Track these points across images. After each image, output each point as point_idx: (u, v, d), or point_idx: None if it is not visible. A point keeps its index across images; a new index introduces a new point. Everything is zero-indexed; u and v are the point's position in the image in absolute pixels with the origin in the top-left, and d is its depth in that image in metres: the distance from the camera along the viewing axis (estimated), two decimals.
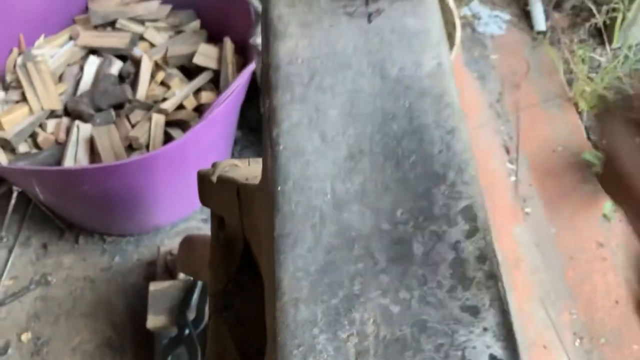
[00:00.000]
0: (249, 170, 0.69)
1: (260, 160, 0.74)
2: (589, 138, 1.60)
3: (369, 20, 0.44)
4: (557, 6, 1.80)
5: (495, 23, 1.77)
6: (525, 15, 1.81)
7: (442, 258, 0.36)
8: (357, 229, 0.37)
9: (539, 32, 1.76)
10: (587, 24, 1.72)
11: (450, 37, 1.19)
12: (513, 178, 1.53)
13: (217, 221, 0.72)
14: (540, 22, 1.76)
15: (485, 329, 0.34)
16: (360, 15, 0.44)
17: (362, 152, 0.40)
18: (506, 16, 1.80)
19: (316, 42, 0.43)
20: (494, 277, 0.36)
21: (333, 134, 0.40)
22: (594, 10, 1.70)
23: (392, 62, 0.43)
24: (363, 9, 0.45)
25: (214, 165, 0.70)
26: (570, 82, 1.68)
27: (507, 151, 1.58)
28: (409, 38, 0.44)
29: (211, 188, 0.68)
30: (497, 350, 0.33)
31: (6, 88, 1.28)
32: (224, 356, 0.63)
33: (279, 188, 0.38)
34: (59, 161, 1.20)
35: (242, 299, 0.66)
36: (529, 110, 1.64)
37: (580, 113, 1.64)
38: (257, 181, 0.64)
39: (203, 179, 0.70)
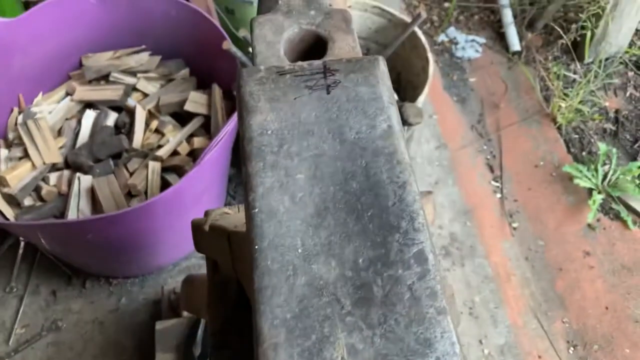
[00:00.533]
0: (239, 217, 0.75)
1: None
2: (568, 151, 1.67)
3: (328, 92, 0.51)
4: (530, 26, 1.88)
5: (471, 47, 1.85)
6: (500, 37, 1.89)
7: (398, 298, 0.42)
8: (325, 278, 0.43)
9: (514, 53, 1.84)
10: (560, 42, 1.79)
11: (424, 71, 1.26)
12: (499, 195, 1.60)
13: (212, 265, 0.78)
14: (514, 42, 1.83)
15: (437, 358, 0.40)
16: (320, 87, 0.51)
17: (327, 209, 0.46)
18: (482, 39, 1.88)
19: (283, 114, 0.50)
20: (443, 312, 0.42)
21: (301, 195, 0.47)
22: (565, 29, 1.78)
23: (349, 127, 0.49)
24: (322, 82, 0.51)
25: (206, 213, 0.76)
26: (547, 99, 1.75)
27: (491, 169, 1.64)
28: (363, 105, 0.50)
29: (204, 236, 0.74)
30: None
31: (9, 146, 1.35)
32: None
33: (256, 247, 0.44)
34: (62, 212, 1.26)
35: (239, 337, 0.72)
36: (509, 128, 1.71)
37: (558, 128, 1.70)
38: (244, 227, 0.71)
39: (196, 227, 0.76)
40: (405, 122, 1.07)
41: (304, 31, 0.58)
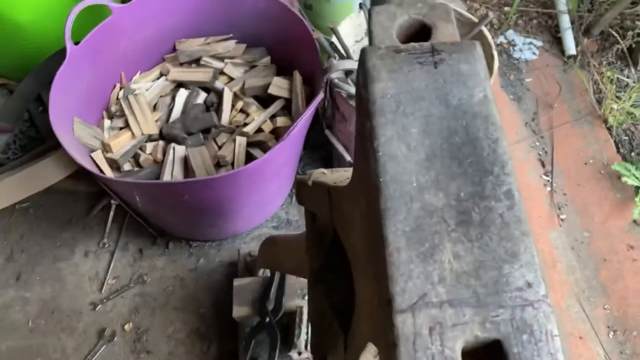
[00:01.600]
0: (335, 176, 0.89)
1: (339, 169, 0.94)
2: (618, 151, 1.76)
3: (435, 67, 0.64)
4: (586, 32, 1.97)
5: (529, 49, 1.95)
6: (557, 41, 1.99)
7: (492, 222, 0.55)
8: (435, 205, 0.56)
9: (569, 57, 1.93)
10: (615, 48, 1.88)
11: (489, 67, 1.38)
12: (549, 188, 1.70)
13: (310, 216, 0.92)
14: (570, 47, 1.93)
15: (521, 265, 0.53)
16: (429, 63, 0.64)
17: (435, 156, 0.59)
18: (539, 42, 1.98)
19: (399, 83, 0.63)
20: (526, 234, 0.55)
21: (414, 144, 0.60)
22: (620, 35, 1.87)
23: (452, 95, 0.63)
24: (430, 59, 0.65)
25: (308, 173, 0.90)
26: (599, 101, 1.84)
27: (543, 164, 1.74)
28: (464, 78, 0.63)
29: (307, 190, 0.89)
30: (530, 278, 0.52)
31: (111, 117, 1.52)
32: (322, 317, 0.83)
33: (381, 179, 0.58)
34: (157, 177, 1.42)
35: (332, 274, 0.86)
36: (561, 127, 1.81)
37: (609, 129, 1.80)
38: (342, 184, 0.85)
39: (300, 183, 0.90)
40: None
41: (412, 19, 0.72)
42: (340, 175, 0.90)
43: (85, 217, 1.62)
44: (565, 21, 1.95)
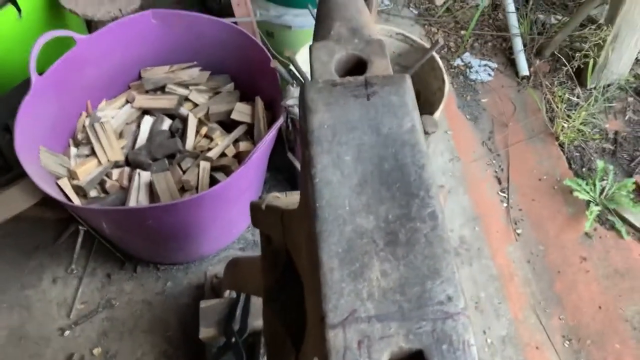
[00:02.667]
0: (288, 200, 0.94)
1: (294, 193, 0.99)
2: (570, 167, 1.84)
3: (368, 99, 0.70)
4: (538, 54, 2.06)
5: (484, 71, 2.04)
6: (511, 63, 2.08)
7: (417, 241, 0.61)
8: (365, 227, 0.62)
9: (523, 77, 2.02)
10: (565, 69, 1.98)
11: (441, 90, 1.45)
12: (505, 204, 1.77)
13: (265, 238, 0.97)
14: (523, 68, 2.02)
15: (442, 281, 0.58)
16: (362, 96, 0.70)
17: (366, 182, 0.65)
18: (494, 64, 2.07)
19: (335, 114, 0.69)
20: (448, 252, 0.60)
21: (348, 171, 0.65)
22: (570, 57, 1.96)
23: (383, 125, 0.68)
24: (364, 92, 0.70)
25: (262, 197, 0.95)
26: (552, 120, 1.93)
27: (499, 181, 1.82)
28: (394, 109, 0.69)
29: (261, 214, 0.93)
30: (450, 292, 0.57)
31: (77, 145, 1.55)
32: (275, 335, 0.87)
33: (317, 204, 0.63)
34: (123, 203, 1.46)
35: (285, 295, 0.91)
36: (516, 145, 1.89)
37: (561, 146, 1.88)
38: (294, 207, 0.90)
39: (255, 207, 0.95)
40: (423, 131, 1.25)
41: (349, 55, 0.77)
42: (293, 199, 0.95)
43: (53, 243, 1.64)
44: (518, 44, 2.04)
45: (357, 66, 0.78)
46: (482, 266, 1.64)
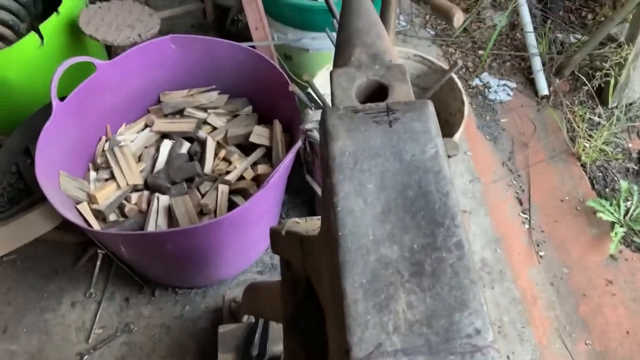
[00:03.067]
0: (308, 225, 0.93)
1: (314, 218, 0.98)
2: (593, 188, 1.81)
3: (390, 126, 0.69)
4: (558, 73, 2.04)
5: (503, 91, 2.02)
6: (530, 83, 2.06)
7: (443, 272, 0.59)
8: (390, 257, 0.60)
9: (542, 97, 2.00)
10: (585, 88, 1.95)
11: (460, 111, 1.44)
12: (527, 226, 1.74)
13: (286, 264, 0.95)
14: (543, 87, 2.00)
15: (470, 313, 0.56)
16: (384, 122, 0.69)
17: (390, 210, 0.63)
18: (513, 84, 2.05)
19: (357, 141, 0.68)
20: (475, 282, 0.58)
21: (371, 199, 0.64)
22: (590, 76, 1.94)
23: (406, 152, 0.67)
24: (386, 118, 0.69)
25: (281, 222, 0.94)
26: (573, 139, 1.90)
27: (520, 202, 1.79)
28: (416, 135, 0.68)
29: (280, 239, 0.92)
30: (479, 324, 0.56)
31: (97, 169, 1.56)
32: None
33: (340, 233, 0.62)
34: (142, 227, 1.46)
35: (306, 321, 0.89)
36: (537, 165, 1.86)
37: (583, 166, 1.85)
38: (314, 233, 0.89)
39: (275, 232, 0.94)
40: None
41: (370, 81, 0.77)
42: (313, 224, 0.94)
43: (72, 267, 1.64)
44: (537, 63, 2.02)
45: (378, 92, 0.78)
46: (504, 289, 1.61)
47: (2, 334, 1.53)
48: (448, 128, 1.56)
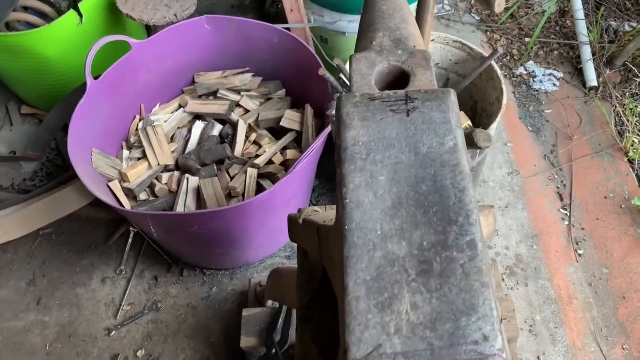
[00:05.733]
0: (326, 214, 0.91)
1: (333, 207, 0.95)
2: None
3: (407, 115, 0.65)
4: (609, 63, 1.94)
5: (549, 80, 1.93)
6: (578, 73, 1.96)
7: (453, 273, 0.56)
8: (397, 254, 0.57)
9: (591, 88, 1.90)
10: (638, 80, 1.85)
11: (499, 101, 1.38)
12: (566, 222, 1.67)
13: (302, 253, 0.94)
14: (592, 78, 1.90)
15: (479, 318, 0.53)
16: (402, 111, 0.66)
17: (401, 204, 0.60)
18: (559, 74, 1.96)
19: (371, 130, 0.65)
20: (486, 286, 0.55)
21: (382, 192, 0.61)
22: None
23: (422, 143, 0.64)
24: (404, 107, 0.66)
25: (300, 211, 0.92)
26: (621, 134, 1.80)
27: (561, 198, 1.71)
28: (435, 127, 0.64)
29: (298, 228, 0.90)
30: (487, 331, 0.52)
31: (130, 148, 1.57)
32: (308, 356, 0.84)
33: (347, 227, 0.59)
34: (171, 207, 1.47)
35: (320, 312, 0.87)
36: (581, 160, 1.78)
37: (631, 162, 1.76)
38: (332, 223, 0.86)
39: (292, 221, 0.92)
40: (475, 145, 1.19)
41: (392, 66, 0.73)
42: (332, 214, 0.91)
43: (105, 244, 1.67)
44: (586, 52, 1.92)
45: (399, 79, 0.74)
46: (539, 287, 1.55)
47: (37, 305, 1.57)
48: (486, 118, 1.50)
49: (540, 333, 1.48)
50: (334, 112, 1.29)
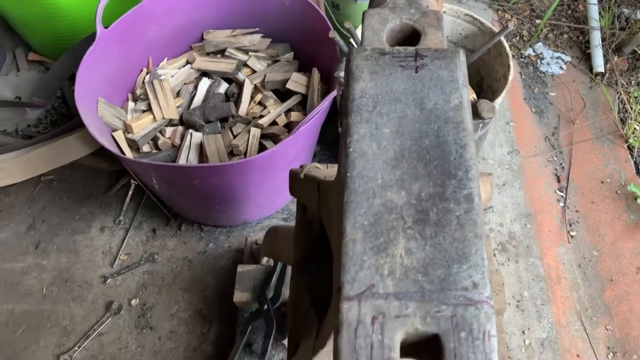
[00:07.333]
0: (327, 171, 0.92)
1: (334, 165, 0.97)
2: (637, 172, 1.73)
3: (416, 71, 0.66)
4: (617, 50, 1.94)
5: (556, 63, 1.94)
6: (586, 57, 1.96)
7: (448, 223, 0.58)
8: (395, 202, 0.59)
9: (597, 74, 1.91)
10: None
11: (505, 77, 1.39)
12: (561, 204, 1.69)
13: (301, 207, 0.95)
14: (599, 64, 1.90)
15: (470, 266, 0.55)
16: (410, 67, 0.67)
17: (403, 156, 0.62)
18: (567, 57, 1.96)
19: (379, 84, 0.66)
20: (479, 237, 0.57)
21: (385, 144, 0.63)
22: None
23: (428, 99, 0.65)
24: (413, 63, 0.67)
25: (302, 166, 0.94)
26: (623, 121, 1.82)
27: (558, 179, 1.73)
28: (442, 84, 0.66)
29: (298, 182, 0.92)
30: (477, 278, 0.54)
31: (135, 99, 1.58)
32: (300, 305, 0.86)
33: (348, 175, 0.61)
34: (174, 160, 1.48)
35: (316, 265, 0.89)
36: (581, 144, 1.79)
37: (630, 149, 1.77)
38: (332, 179, 0.88)
39: (293, 175, 0.93)
40: (478, 115, 1.20)
41: (403, 24, 0.74)
42: (332, 171, 0.93)
43: (105, 194, 1.69)
44: (596, 38, 1.92)
45: (410, 38, 0.75)
46: (529, 265, 1.58)
47: (35, 249, 1.59)
48: (491, 94, 1.51)
49: (527, 309, 1.51)
50: (341, 73, 1.30)
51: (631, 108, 1.79)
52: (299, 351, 0.82)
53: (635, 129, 1.75)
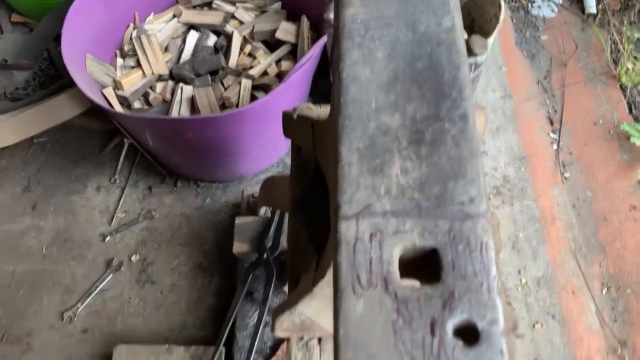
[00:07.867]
0: (320, 111, 0.92)
1: (327, 106, 0.97)
2: (630, 112, 1.74)
3: None
4: None
5: (547, 6, 1.92)
6: None
7: (443, 142, 0.58)
8: (390, 125, 0.59)
9: (589, 15, 1.89)
10: (638, 7, 1.83)
11: (496, 17, 1.37)
12: (555, 147, 1.69)
13: (296, 149, 0.95)
14: (591, 5, 1.89)
15: (466, 183, 0.56)
16: None
17: (396, 79, 0.62)
18: (559, 0, 1.94)
19: (370, 9, 0.65)
20: (475, 155, 0.57)
21: (378, 68, 0.62)
22: None
23: (420, 23, 0.64)
24: None
25: (295, 107, 0.93)
26: (616, 62, 1.81)
27: (551, 122, 1.74)
28: (434, 7, 0.65)
29: (292, 123, 0.92)
30: (473, 193, 0.55)
31: (124, 56, 1.56)
32: (299, 242, 0.87)
33: (342, 100, 0.61)
34: (165, 115, 1.47)
35: (312, 205, 0.90)
36: (574, 86, 1.79)
37: (623, 90, 1.77)
38: (326, 118, 0.88)
39: (287, 116, 0.93)
40: (471, 52, 1.19)
41: None
42: (326, 111, 0.93)
43: (99, 154, 1.68)
44: None
45: None
46: (524, 207, 1.59)
47: (32, 210, 1.60)
48: (482, 35, 1.49)
49: (523, 249, 1.53)
50: (331, 15, 1.29)
51: (623, 48, 1.78)
52: (300, 284, 0.83)
53: (627, 68, 1.74)
